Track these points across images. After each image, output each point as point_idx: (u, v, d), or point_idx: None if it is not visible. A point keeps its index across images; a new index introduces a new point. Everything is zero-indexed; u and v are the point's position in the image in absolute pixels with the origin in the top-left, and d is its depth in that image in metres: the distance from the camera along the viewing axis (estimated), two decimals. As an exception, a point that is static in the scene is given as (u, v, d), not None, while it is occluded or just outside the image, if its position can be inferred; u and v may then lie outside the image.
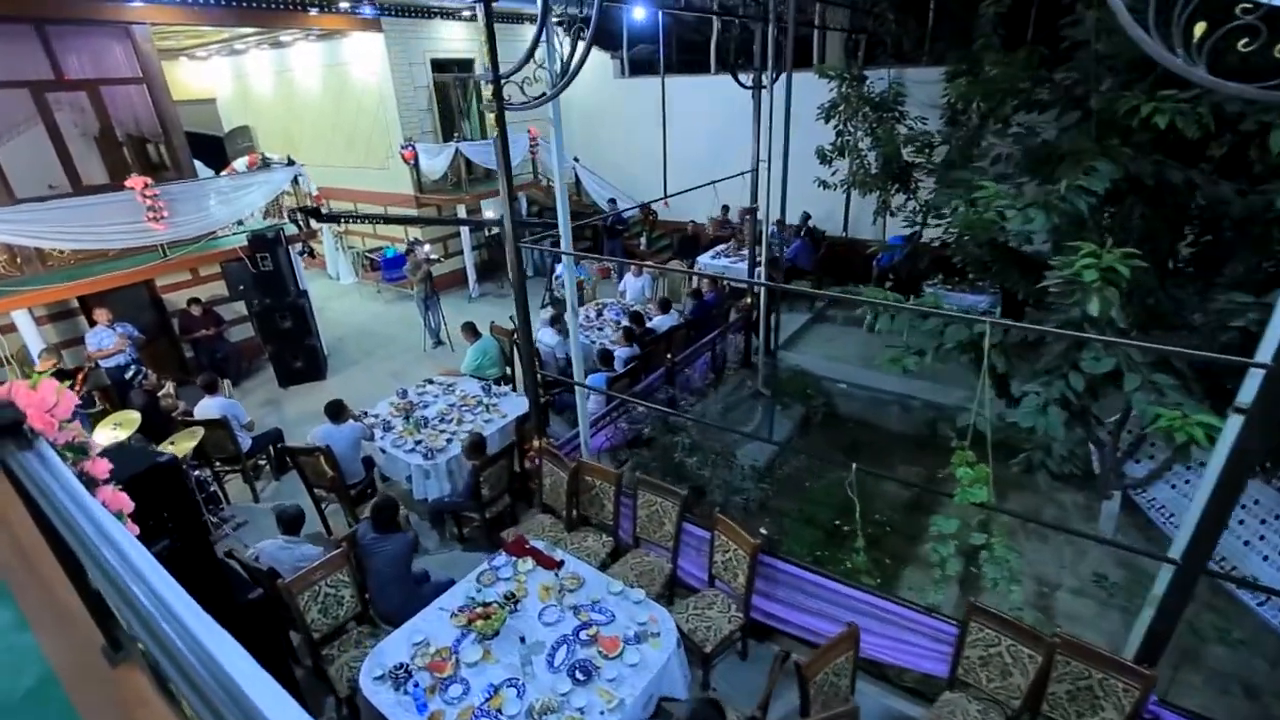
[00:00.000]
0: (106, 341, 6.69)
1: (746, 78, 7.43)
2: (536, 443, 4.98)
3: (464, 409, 5.93)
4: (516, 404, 6.05)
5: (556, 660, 3.31)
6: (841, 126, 8.49)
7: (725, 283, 8.28)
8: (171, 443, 4.89)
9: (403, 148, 9.88)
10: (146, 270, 6.89)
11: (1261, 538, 5.07)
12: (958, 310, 8.30)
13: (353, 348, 9.22)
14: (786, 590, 4.01)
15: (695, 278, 8.36)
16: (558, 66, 3.91)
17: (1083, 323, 3.76)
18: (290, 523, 3.88)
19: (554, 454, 4.72)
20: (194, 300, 7.86)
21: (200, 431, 5.03)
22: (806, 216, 10.65)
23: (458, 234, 11.13)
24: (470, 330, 6.67)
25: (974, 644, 3.35)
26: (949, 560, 3.67)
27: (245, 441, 5.75)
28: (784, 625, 4.06)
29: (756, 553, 3.76)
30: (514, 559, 4.04)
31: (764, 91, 7.67)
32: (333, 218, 6.39)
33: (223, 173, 8.32)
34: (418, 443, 5.38)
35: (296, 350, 7.99)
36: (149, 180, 6.53)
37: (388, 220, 9.26)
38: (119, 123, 7.29)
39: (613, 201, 11.60)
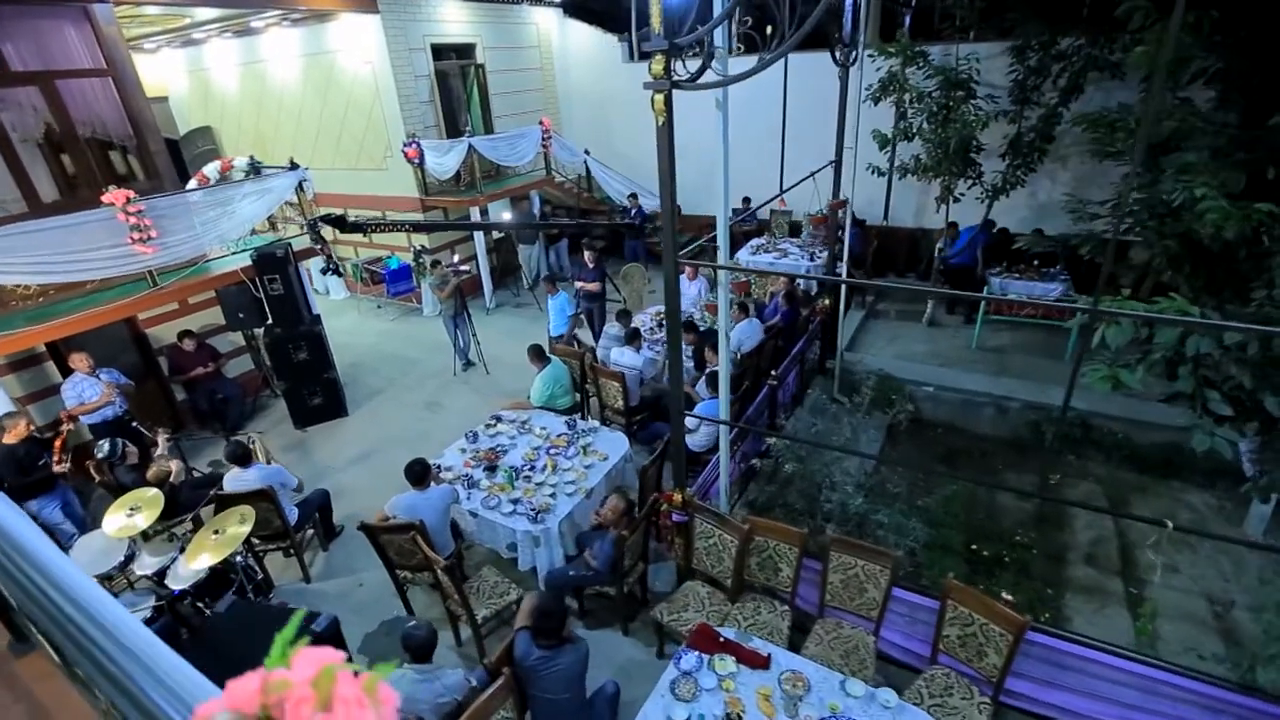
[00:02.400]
0: (90, 393, 5.46)
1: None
2: (678, 496, 4.14)
3: (553, 452, 5.01)
4: (611, 441, 5.17)
5: (831, 810, 2.53)
6: (906, 107, 7.86)
7: (797, 283, 7.56)
8: (216, 532, 3.81)
9: (405, 145, 8.73)
10: (132, 304, 5.65)
11: None
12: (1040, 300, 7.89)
13: (370, 375, 8.09)
14: (1038, 664, 3.32)
15: (778, 280, 7.58)
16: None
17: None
18: (422, 649, 2.93)
19: (712, 511, 3.89)
20: (186, 333, 6.61)
21: (250, 513, 3.97)
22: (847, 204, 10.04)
23: (469, 239, 10.05)
24: (537, 354, 5.73)
25: (1335, 734, 2.73)
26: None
27: (291, 513, 4.68)
28: (1030, 704, 3.38)
29: (1024, 631, 3.05)
30: (707, 657, 3.22)
31: (838, 70, 6.89)
32: (358, 227, 5.35)
33: (190, 182, 7.07)
34: (515, 502, 4.46)
35: (314, 385, 6.84)
36: (131, 194, 5.30)
37: (418, 228, 8.14)
38: (81, 124, 5.98)
39: (633, 196, 10.70)
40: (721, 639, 3.28)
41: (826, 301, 7.23)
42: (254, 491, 4.37)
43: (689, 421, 5.26)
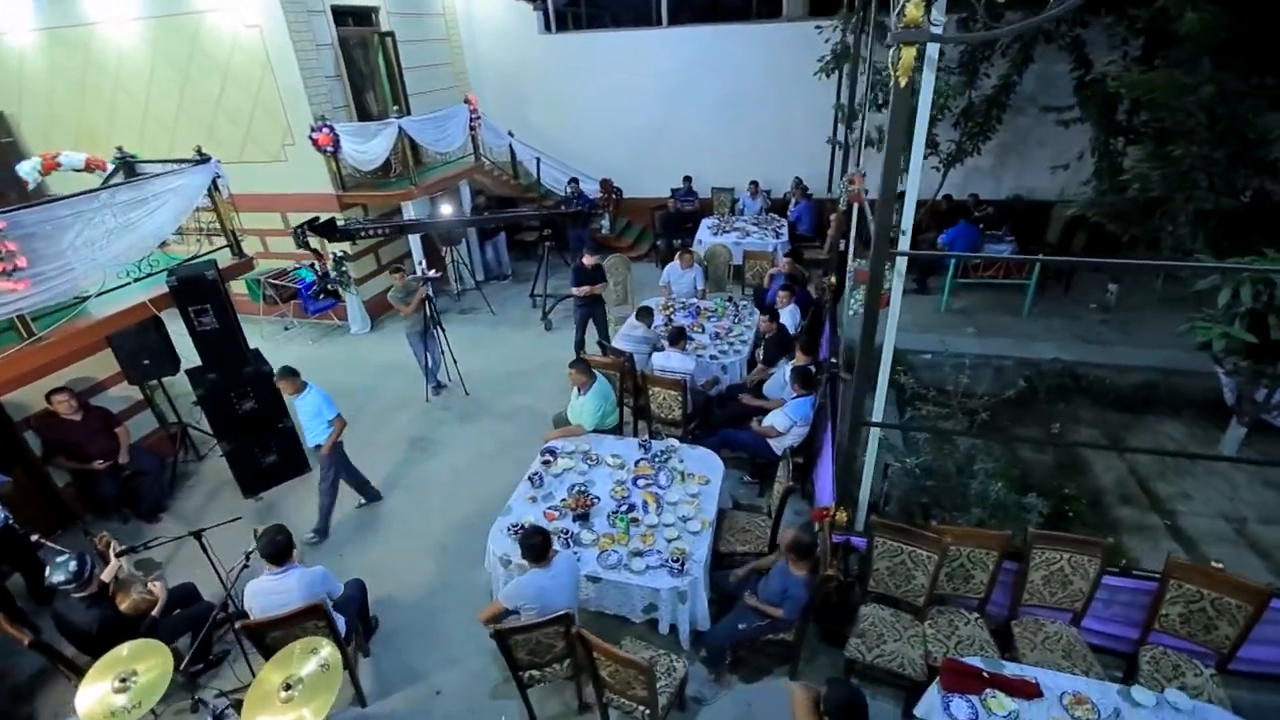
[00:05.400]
0: (-51, 506, 3.70)
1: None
2: (842, 515, 3.67)
3: (644, 484, 4.27)
4: (701, 460, 4.52)
5: None
6: (871, 78, 7.83)
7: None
8: (288, 686, 2.64)
9: (314, 130, 7.12)
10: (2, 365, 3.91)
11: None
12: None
13: (319, 417, 6.54)
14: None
15: (779, 263, 7.18)
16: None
17: None
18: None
19: (899, 528, 3.46)
20: (59, 392, 4.79)
21: (328, 648, 2.82)
22: (799, 180, 10.02)
23: (389, 240, 8.55)
24: (583, 369, 4.86)
25: None
26: None
27: (339, 622, 3.50)
28: (1250, 666, 3.38)
29: (1268, 600, 3.00)
30: (976, 699, 2.81)
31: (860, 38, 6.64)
32: (349, 233, 4.07)
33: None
34: (637, 554, 3.69)
35: (266, 439, 5.34)
36: (-19, 206, 3.61)
37: (405, 229, 6.62)
38: None
39: (574, 181, 9.81)
40: (985, 673, 2.88)
41: (833, 279, 7.07)
42: (297, 611, 3.16)
43: (779, 423, 4.79)
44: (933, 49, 2.81)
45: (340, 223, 4.21)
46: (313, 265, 4.29)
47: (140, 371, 5.08)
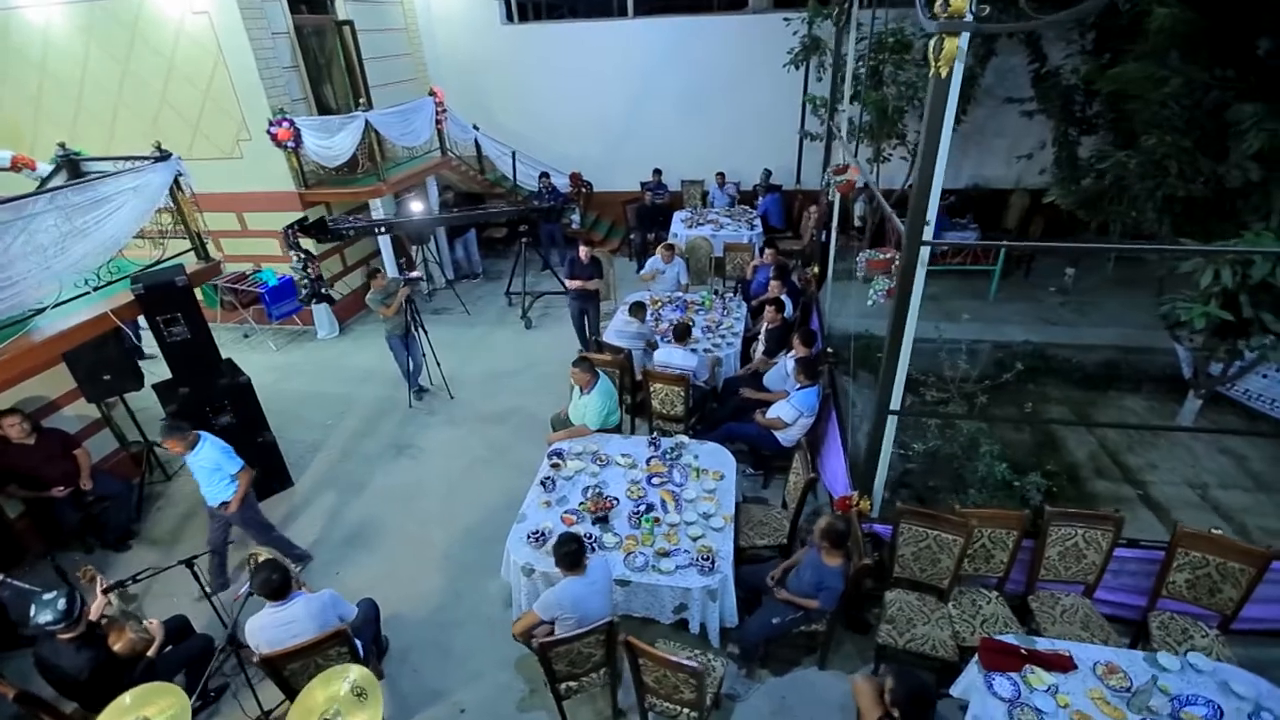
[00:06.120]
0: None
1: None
2: (865, 504, 3.70)
3: (659, 481, 4.21)
4: (712, 455, 4.50)
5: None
6: (852, 69, 7.94)
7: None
8: None
9: (273, 124, 6.71)
10: (-55, 389, 3.50)
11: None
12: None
13: (295, 426, 6.18)
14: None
15: (761, 255, 7.20)
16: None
17: None
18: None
19: (925, 513, 3.51)
20: (9, 414, 4.35)
21: (367, 677, 2.65)
22: (768, 173, 10.09)
23: (362, 240, 8.18)
24: (587, 368, 4.74)
25: None
26: None
27: (357, 646, 3.30)
28: (1251, 624, 3.58)
29: (1269, 562, 3.19)
30: (1014, 676, 2.88)
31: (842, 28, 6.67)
32: (338, 233, 3.80)
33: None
34: (664, 555, 3.63)
35: (246, 456, 4.95)
36: (-82, 210, 3.21)
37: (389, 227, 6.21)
38: None
39: (545, 176, 9.59)
40: (1023, 650, 2.96)
41: (816, 269, 7.15)
42: (318, 639, 2.96)
43: (785, 415, 4.80)
44: (962, 40, 2.83)
45: (329, 221, 3.96)
46: (305, 267, 4.02)
47: (100, 388, 4.68)
